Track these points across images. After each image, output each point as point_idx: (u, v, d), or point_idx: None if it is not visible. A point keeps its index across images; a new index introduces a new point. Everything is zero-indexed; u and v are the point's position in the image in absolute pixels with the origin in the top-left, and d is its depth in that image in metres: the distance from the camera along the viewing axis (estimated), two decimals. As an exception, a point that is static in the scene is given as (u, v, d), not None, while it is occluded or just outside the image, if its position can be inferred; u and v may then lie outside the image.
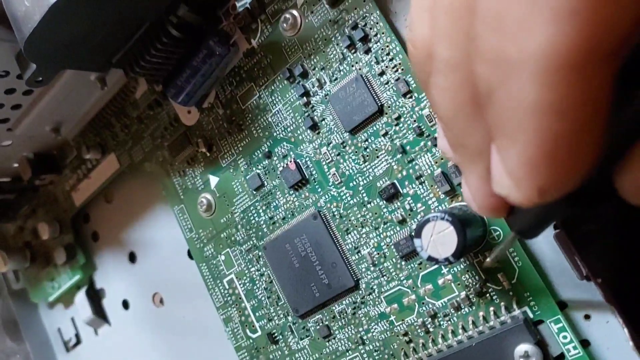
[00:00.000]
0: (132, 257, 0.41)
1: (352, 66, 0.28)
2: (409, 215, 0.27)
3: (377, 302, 0.28)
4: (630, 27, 0.10)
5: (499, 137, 0.13)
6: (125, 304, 0.42)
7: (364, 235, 0.28)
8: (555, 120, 0.11)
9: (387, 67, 0.27)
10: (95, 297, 0.43)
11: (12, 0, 0.26)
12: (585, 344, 0.24)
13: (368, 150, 0.28)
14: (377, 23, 0.27)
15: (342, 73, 0.28)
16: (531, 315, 0.24)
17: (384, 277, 0.28)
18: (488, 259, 0.24)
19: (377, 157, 0.28)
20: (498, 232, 0.25)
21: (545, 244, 0.25)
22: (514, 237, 0.21)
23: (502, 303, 0.25)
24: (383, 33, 0.27)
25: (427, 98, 0.24)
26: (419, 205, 0.27)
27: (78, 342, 0.45)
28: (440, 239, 0.23)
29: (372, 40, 0.27)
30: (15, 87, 0.33)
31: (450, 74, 0.14)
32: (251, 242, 0.32)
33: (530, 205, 0.13)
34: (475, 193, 0.16)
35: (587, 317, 0.24)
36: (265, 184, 0.31)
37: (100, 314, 0.43)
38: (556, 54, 0.10)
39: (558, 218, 0.22)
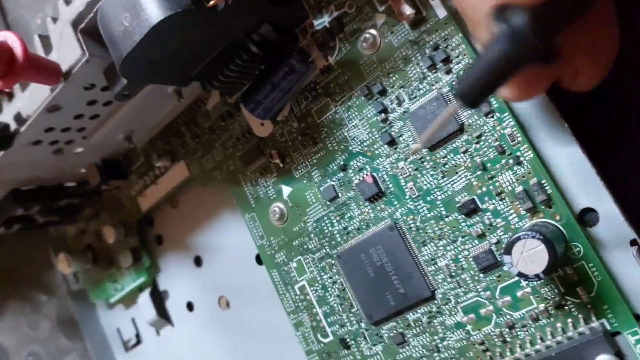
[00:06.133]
0: (198, 261, 0.42)
1: (432, 85, 0.29)
2: (489, 229, 0.28)
3: (453, 312, 0.30)
4: None
5: None
6: (190, 306, 0.43)
7: (441, 248, 0.30)
8: None
9: (468, 87, 0.28)
10: (158, 299, 0.44)
11: (110, 20, 0.28)
12: (662, 355, 0.25)
13: (447, 166, 0.29)
14: (459, 45, 0.28)
15: (421, 92, 0.29)
16: (608, 327, 0.26)
17: (461, 288, 0.29)
18: (422, 136, 0.24)
19: (456, 173, 0.29)
20: (578, 248, 0.26)
21: (623, 260, 0.26)
22: (453, 109, 0.22)
23: (580, 315, 0.26)
24: (465, 55, 0.28)
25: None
26: (499, 220, 0.28)
27: (138, 342, 0.47)
28: (531, 256, 0.24)
29: (454, 61, 0.28)
30: (97, 98, 0.34)
31: None
32: (324, 251, 0.34)
33: None
34: None
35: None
36: (340, 195, 0.33)
37: (163, 315, 0.44)
38: None
39: (498, 84, 0.18)
